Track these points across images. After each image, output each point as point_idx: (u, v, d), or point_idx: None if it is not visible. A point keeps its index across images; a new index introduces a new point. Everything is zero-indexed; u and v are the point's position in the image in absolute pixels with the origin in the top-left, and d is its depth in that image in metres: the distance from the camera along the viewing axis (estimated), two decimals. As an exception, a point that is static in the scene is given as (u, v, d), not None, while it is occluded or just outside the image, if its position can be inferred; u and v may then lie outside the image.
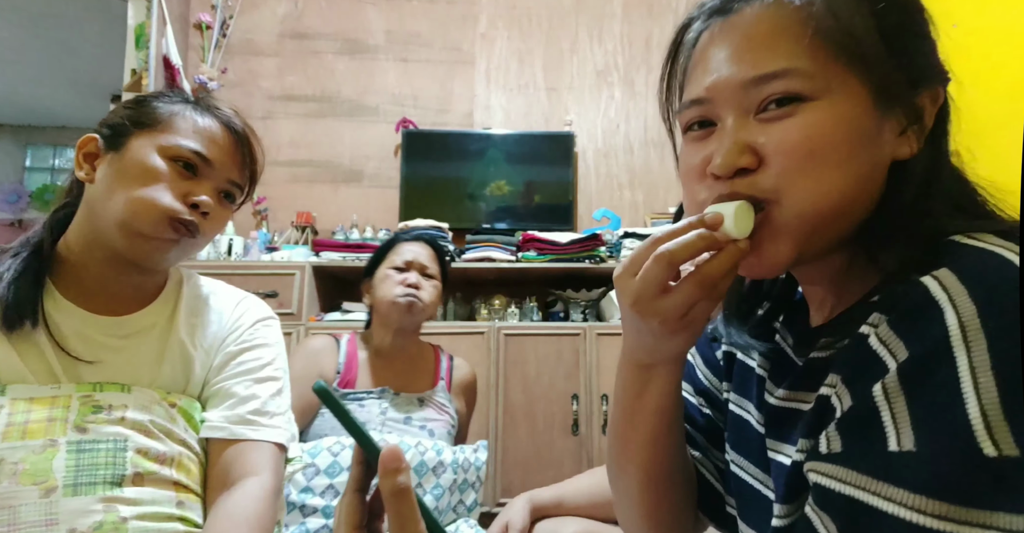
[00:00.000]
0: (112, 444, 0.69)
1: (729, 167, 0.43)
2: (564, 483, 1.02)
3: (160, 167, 0.73)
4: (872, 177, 0.43)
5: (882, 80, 0.43)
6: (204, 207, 0.75)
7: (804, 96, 0.42)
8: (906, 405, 0.34)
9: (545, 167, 2.88)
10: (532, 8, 3.10)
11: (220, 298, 0.87)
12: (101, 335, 0.75)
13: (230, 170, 0.79)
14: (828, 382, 0.41)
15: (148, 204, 0.71)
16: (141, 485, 0.69)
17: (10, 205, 4.86)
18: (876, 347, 0.37)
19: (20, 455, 0.64)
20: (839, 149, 0.42)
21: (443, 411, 1.39)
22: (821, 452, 0.38)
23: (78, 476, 0.66)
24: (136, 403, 0.72)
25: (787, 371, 0.52)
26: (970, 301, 0.33)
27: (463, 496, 1.26)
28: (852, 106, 0.42)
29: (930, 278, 0.36)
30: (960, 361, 0.32)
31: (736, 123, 0.44)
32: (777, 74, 0.42)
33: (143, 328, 0.78)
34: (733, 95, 0.44)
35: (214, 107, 0.81)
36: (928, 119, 0.45)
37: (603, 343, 2.34)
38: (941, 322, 0.34)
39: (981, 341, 0.32)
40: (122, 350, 0.76)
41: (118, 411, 0.71)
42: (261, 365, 0.83)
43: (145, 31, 2.49)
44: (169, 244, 0.73)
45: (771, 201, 0.43)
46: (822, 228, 0.43)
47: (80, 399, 0.70)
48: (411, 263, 1.43)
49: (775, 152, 0.42)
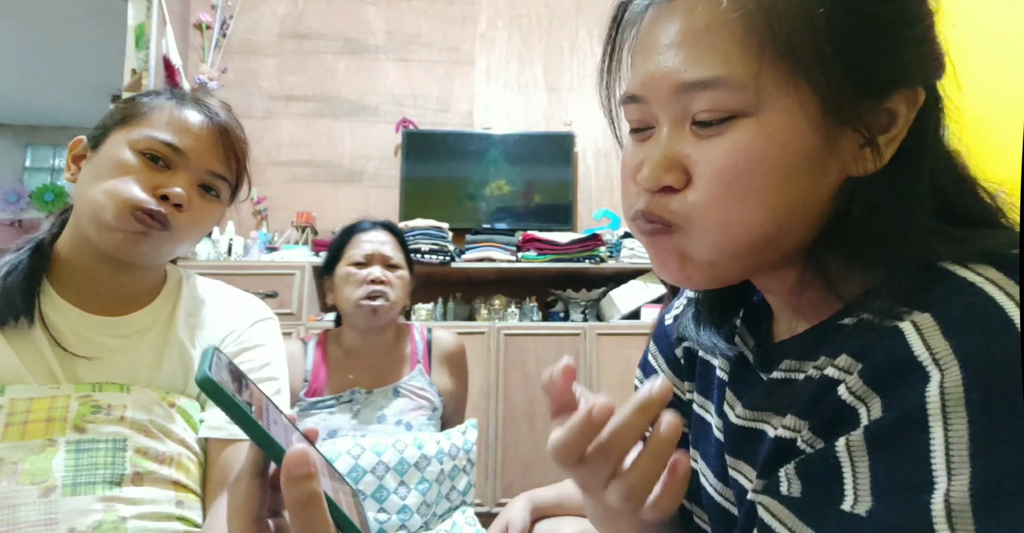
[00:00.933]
0: (111, 444, 0.69)
1: (653, 183, 0.40)
2: (565, 483, 1.02)
3: (129, 160, 0.72)
4: (810, 201, 0.38)
5: (831, 93, 0.36)
6: (175, 199, 0.72)
7: (737, 112, 0.37)
8: (868, 468, 0.31)
9: (545, 167, 2.88)
10: (532, 8, 3.10)
11: (219, 298, 0.87)
12: (99, 335, 0.75)
13: (208, 161, 0.76)
14: (790, 425, 0.39)
15: (111, 196, 0.70)
16: (141, 485, 0.69)
17: (10, 205, 4.86)
18: (849, 400, 0.34)
19: (19, 455, 0.64)
20: (769, 176, 0.37)
21: (420, 397, 1.33)
22: (780, 491, 0.36)
23: (77, 476, 0.65)
24: (135, 403, 0.72)
25: (749, 383, 0.48)
26: (956, 366, 0.30)
27: (455, 482, 1.23)
28: (793, 122, 0.36)
29: (910, 326, 0.32)
30: (935, 436, 0.29)
31: (670, 132, 0.40)
32: (706, 83, 0.37)
33: (142, 328, 0.78)
34: (666, 100, 0.39)
35: (196, 99, 0.79)
36: (901, 126, 0.38)
37: (603, 343, 2.34)
38: (921, 388, 0.30)
39: (962, 416, 0.29)
40: (120, 350, 0.76)
41: (117, 411, 0.70)
42: (260, 365, 0.83)
43: (145, 31, 2.49)
44: (138, 237, 0.71)
45: (678, 227, 0.39)
46: (739, 257, 0.39)
47: (79, 399, 0.70)
48: (372, 256, 1.32)
49: (700, 174, 0.38)
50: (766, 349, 0.48)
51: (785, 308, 0.47)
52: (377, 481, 1.12)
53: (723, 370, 0.52)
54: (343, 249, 1.35)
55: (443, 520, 1.22)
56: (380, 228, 1.38)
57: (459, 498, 1.26)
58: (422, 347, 1.41)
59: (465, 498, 1.28)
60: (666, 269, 0.42)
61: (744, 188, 0.37)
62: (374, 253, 1.32)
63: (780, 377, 0.43)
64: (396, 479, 1.14)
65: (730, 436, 0.48)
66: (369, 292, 1.27)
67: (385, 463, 1.14)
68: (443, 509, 1.22)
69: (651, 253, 0.43)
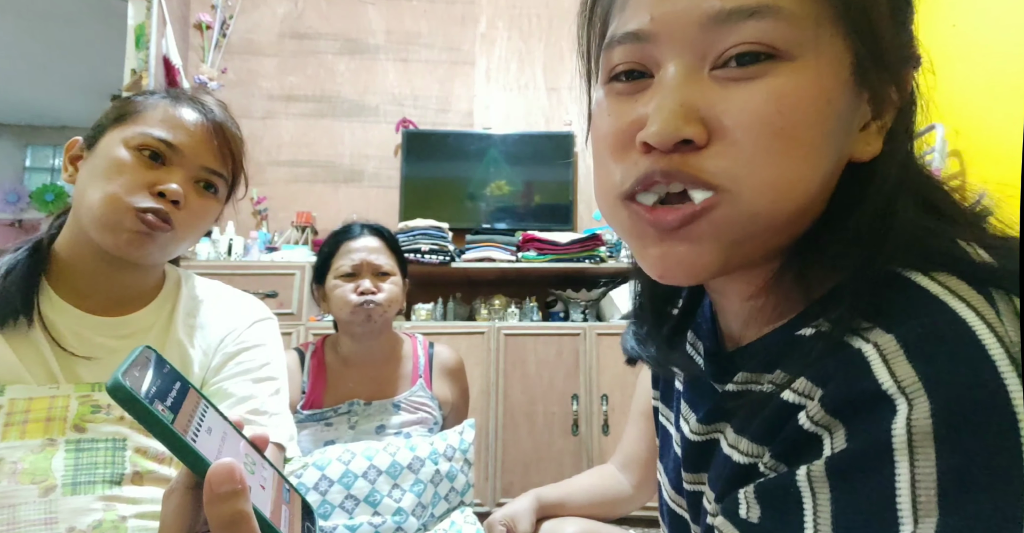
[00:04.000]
0: (111, 443, 0.69)
1: (670, 136, 0.32)
2: (568, 482, 1.02)
3: (124, 158, 0.72)
4: (832, 177, 0.34)
5: (873, 49, 0.33)
6: (172, 196, 0.72)
7: (779, 52, 0.32)
8: (829, 501, 0.29)
9: (545, 167, 2.88)
10: (532, 8, 3.10)
11: (218, 299, 0.86)
12: (98, 335, 0.75)
13: (203, 157, 0.76)
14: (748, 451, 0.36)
15: (112, 197, 0.70)
16: (140, 484, 0.69)
17: (10, 205, 4.86)
18: (810, 428, 0.31)
19: (19, 454, 0.64)
20: (814, 132, 0.32)
21: (421, 410, 1.32)
22: (740, 515, 0.34)
23: (77, 475, 0.66)
24: None
25: (703, 395, 0.45)
26: (924, 398, 0.27)
27: (453, 483, 1.23)
28: (835, 77, 0.32)
29: (873, 351, 0.29)
30: (900, 472, 0.27)
31: (684, 75, 0.33)
32: (754, 11, 0.31)
33: (141, 328, 0.78)
34: (687, 33, 0.33)
35: (191, 97, 0.79)
36: (893, 112, 0.35)
37: (603, 343, 2.34)
38: (888, 420, 0.28)
39: (930, 453, 0.27)
40: (120, 350, 0.75)
41: (117, 410, 0.70)
42: (259, 365, 0.83)
43: (145, 31, 2.49)
44: (142, 237, 0.71)
45: (723, 191, 0.33)
46: (769, 233, 0.34)
47: (79, 399, 0.70)
48: (360, 266, 1.27)
49: (735, 126, 0.32)
50: (719, 359, 0.44)
51: (738, 315, 0.42)
52: (369, 485, 1.12)
53: (680, 381, 0.50)
54: (332, 259, 1.30)
55: (441, 521, 1.22)
56: (369, 233, 1.31)
57: (457, 499, 1.25)
58: (423, 361, 1.39)
59: (464, 498, 1.27)
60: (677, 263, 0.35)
61: (793, 141, 0.32)
62: (362, 263, 1.27)
63: (735, 389, 0.40)
64: (389, 482, 1.13)
65: (686, 451, 0.46)
66: (361, 300, 1.24)
67: (377, 467, 1.13)
68: (441, 510, 1.22)
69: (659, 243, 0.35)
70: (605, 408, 2.29)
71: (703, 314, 0.49)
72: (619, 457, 1.07)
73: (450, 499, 1.23)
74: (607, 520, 0.96)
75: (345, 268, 1.26)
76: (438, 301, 2.62)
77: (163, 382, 0.34)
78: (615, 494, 1.01)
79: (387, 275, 1.28)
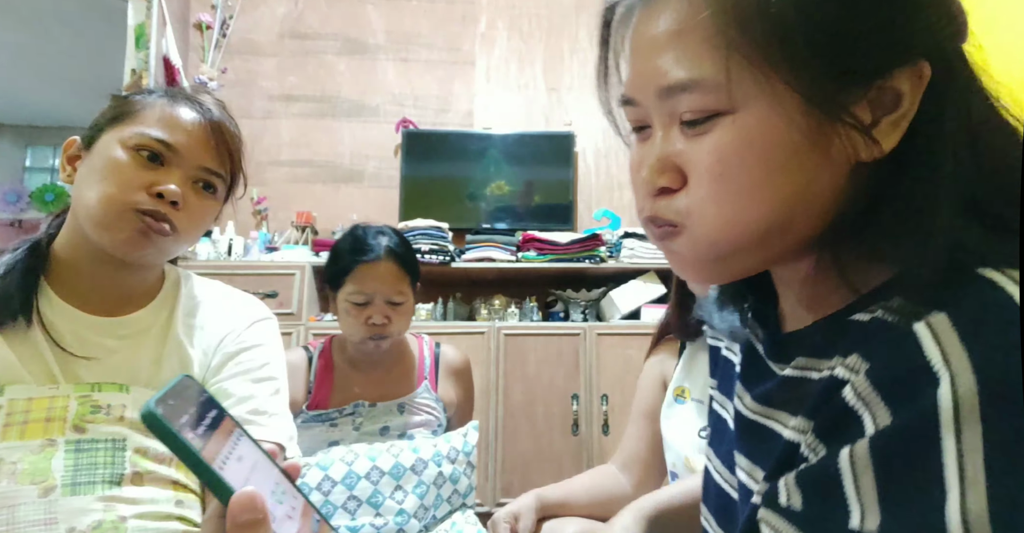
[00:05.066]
0: (111, 443, 0.69)
1: (649, 186, 0.40)
2: (569, 482, 1.02)
3: (121, 159, 0.71)
4: (813, 191, 0.37)
5: (809, 85, 0.35)
6: (170, 196, 0.71)
7: (720, 110, 0.37)
8: (874, 482, 0.30)
9: (545, 167, 2.88)
10: (532, 8, 3.10)
11: (217, 299, 0.86)
12: (97, 335, 0.74)
13: (201, 157, 0.75)
14: (797, 426, 0.38)
15: (109, 197, 0.69)
16: (140, 484, 0.69)
17: (10, 205, 4.85)
18: (853, 403, 0.32)
19: (18, 455, 0.64)
20: (754, 171, 0.36)
21: (426, 412, 1.33)
22: (780, 503, 0.35)
23: (77, 475, 0.65)
24: (135, 403, 0.72)
25: (760, 375, 0.47)
26: (971, 373, 0.28)
27: (456, 485, 1.23)
28: (773, 118, 0.36)
29: (923, 327, 0.31)
30: (947, 445, 0.28)
31: (663, 134, 0.40)
32: (684, 86, 0.37)
33: (141, 329, 0.78)
34: (654, 102, 0.40)
35: (189, 96, 0.78)
36: (907, 104, 0.36)
37: (603, 343, 2.34)
38: (932, 394, 0.29)
39: (976, 426, 0.27)
40: (119, 351, 0.75)
41: (117, 410, 0.70)
42: (259, 365, 0.83)
43: (145, 31, 2.48)
44: (140, 237, 0.71)
45: (680, 225, 0.40)
46: (742, 253, 0.39)
47: (78, 399, 0.69)
48: (374, 296, 1.22)
49: (692, 173, 0.39)
50: (776, 340, 0.47)
51: (795, 298, 0.45)
52: (372, 486, 1.12)
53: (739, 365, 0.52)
54: (347, 274, 1.23)
55: (443, 523, 1.21)
56: (389, 259, 1.23)
57: (459, 501, 1.25)
58: (429, 362, 1.38)
59: (466, 500, 1.27)
60: (683, 270, 0.43)
61: (733, 184, 0.37)
62: (375, 293, 1.22)
63: (795, 375, 0.42)
64: (392, 484, 1.13)
65: (740, 428, 0.48)
66: (371, 333, 1.22)
67: (380, 468, 1.13)
68: (443, 512, 1.22)
69: (665, 254, 0.44)
70: (605, 408, 2.29)
71: (763, 299, 0.51)
72: (619, 457, 1.07)
73: (452, 501, 1.23)
74: (607, 520, 0.96)
75: (358, 297, 1.22)
76: (438, 301, 2.62)
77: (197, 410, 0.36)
78: (615, 494, 1.01)
79: (399, 303, 1.24)
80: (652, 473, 1.03)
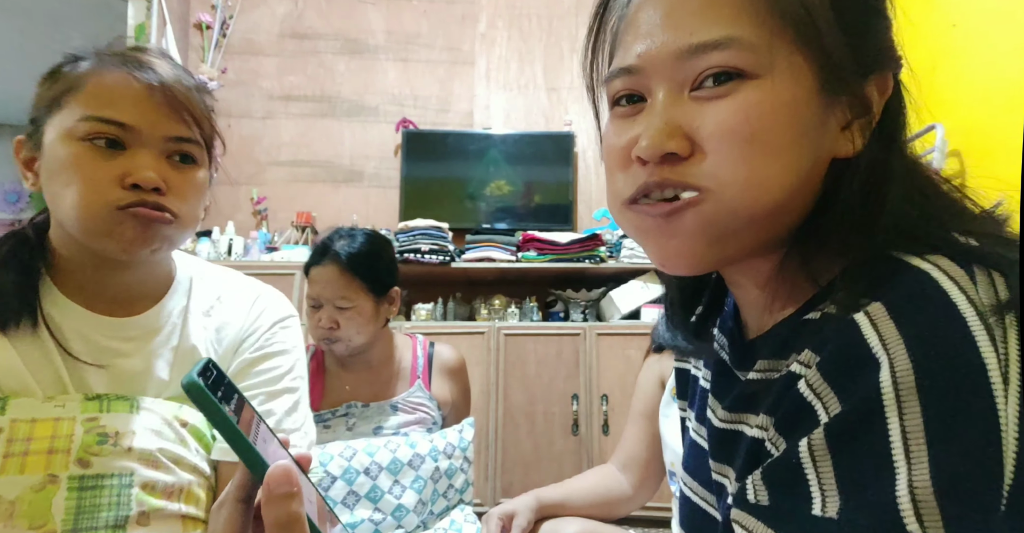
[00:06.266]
0: (116, 480, 0.63)
1: (656, 149, 0.38)
2: (568, 482, 1.02)
3: (77, 156, 0.62)
4: (812, 174, 0.39)
5: (832, 61, 0.37)
6: (148, 184, 0.63)
7: (745, 73, 0.37)
8: (832, 468, 0.31)
9: (545, 167, 2.88)
10: (532, 8, 3.10)
11: (235, 296, 0.80)
12: (106, 337, 0.69)
13: (163, 127, 0.65)
14: (759, 423, 0.39)
15: (86, 204, 0.62)
16: (147, 525, 0.64)
17: (10, 205, 4.86)
18: (807, 396, 0.34)
19: (17, 492, 0.60)
20: (782, 135, 0.37)
21: (419, 411, 1.33)
22: (748, 501, 0.36)
23: (79, 519, 0.61)
24: (144, 426, 0.66)
25: (729, 385, 0.48)
26: (906, 354, 0.30)
27: (452, 481, 1.23)
28: (797, 88, 0.37)
29: (862, 316, 0.33)
30: (892, 425, 0.29)
31: (668, 99, 0.39)
32: (717, 44, 0.37)
33: (151, 330, 0.72)
34: (666, 66, 0.39)
35: (126, 57, 0.66)
36: (876, 110, 0.39)
37: (603, 343, 2.34)
38: (875, 378, 0.30)
39: (915, 404, 0.29)
40: (129, 355, 0.70)
41: (125, 439, 0.64)
42: (278, 376, 0.78)
43: (145, 31, 2.49)
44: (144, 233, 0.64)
45: (706, 190, 0.37)
46: (754, 226, 0.39)
47: (85, 424, 0.64)
48: (319, 299, 1.25)
49: (711, 136, 0.37)
50: (740, 347, 0.48)
51: (755, 304, 0.46)
52: (371, 481, 1.12)
53: (706, 380, 0.52)
54: (307, 276, 1.29)
55: (441, 519, 1.22)
56: (331, 262, 1.25)
57: (457, 497, 1.26)
58: (423, 362, 1.39)
59: (463, 496, 1.27)
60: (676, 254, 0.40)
61: (762, 145, 0.37)
62: (319, 296, 1.25)
63: (759, 378, 0.43)
64: (390, 478, 1.14)
65: (713, 440, 0.48)
66: (322, 337, 1.25)
67: (378, 463, 1.14)
68: (440, 508, 1.22)
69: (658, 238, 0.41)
70: (605, 408, 2.29)
71: (728, 308, 0.53)
72: (619, 457, 1.07)
73: (449, 496, 1.24)
74: (607, 520, 0.96)
75: (309, 300, 1.27)
76: (438, 301, 2.62)
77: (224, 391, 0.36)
78: (615, 494, 1.01)
79: (347, 308, 1.25)
80: (651, 473, 1.03)
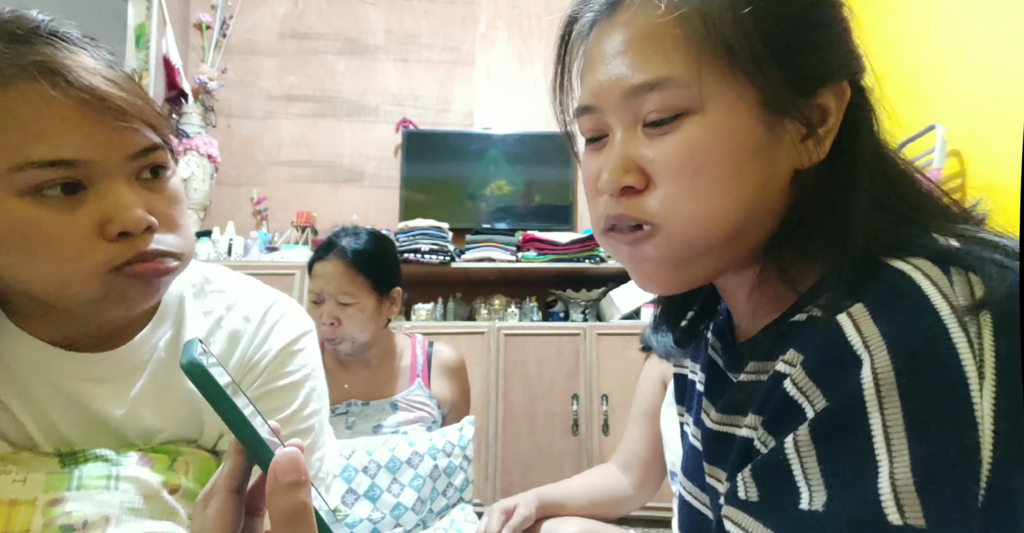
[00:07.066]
0: None
1: (615, 184, 0.41)
2: (569, 482, 1.02)
3: (30, 218, 0.47)
4: (768, 193, 0.40)
5: (767, 86, 0.38)
6: (137, 228, 0.50)
7: (686, 108, 0.39)
8: (817, 462, 0.33)
9: (545, 167, 2.88)
10: (532, 8, 3.10)
11: (238, 312, 0.66)
12: (71, 379, 0.56)
13: (122, 144, 0.51)
14: (748, 423, 0.40)
15: (68, 274, 0.49)
16: None
17: None
18: (793, 394, 0.35)
19: None
20: (724, 168, 0.38)
21: (419, 409, 1.33)
22: (739, 497, 0.37)
23: None
24: (122, 506, 0.53)
25: (721, 387, 0.50)
26: (886, 352, 0.31)
27: (451, 479, 1.23)
28: (734, 118, 0.38)
29: (845, 317, 0.34)
30: (873, 420, 0.31)
31: (624, 136, 0.41)
32: (653, 85, 0.39)
33: (134, 366, 0.59)
34: (618, 105, 0.41)
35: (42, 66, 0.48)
36: (834, 119, 0.40)
37: (603, 343, 2.34)
38: (857, 375, 0.32)
39: (895, 400, 0.31)
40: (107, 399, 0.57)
41: (96, 527, 0.51)
42: (291, 412, 0.66)
43: (145, 31, 2.49)
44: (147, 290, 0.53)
45: (657, 226, 0.40)
46: (714, 252, 0.41)
47: (46, 511, 0.50)
48: (321, 294, 1.25)
49: (659, 172, 0.40)
50: (731, 350, 0.49)
51: (745, 309, 0.48)
52: (370, 480, 1.12)
53: (701, 383, 0.54)
54: (310, 272, 1.29)
55: (440, 517, 1.22)
56: (336, 258, 1.24)
57: (456, 495, 1.26)
58: (422, 361, 1.39)
59: (463, 495, 1.27)
60: (650, 277, 0.43)
61: (706, 180, 0.38)
62: (322, 291, 1.25)
63: (748, 380, 0.45)
64: (389, 477, 1.14)
65: (707, 442, 0.50)
66: (324, 334, 1.24)
67: (377, 461, 1.14)
68: (440, 506, 1.22)
69: (630, 263, 0.44)
70: (605, 408, 2.29)
71: (721, 312, 0.54)
72: (620, 457, 1.07)
73: (448, 495, 1.24)
74: (608, 520, 0.96)
75: (312, 295, 1.27)
76: (438, 301, 2.62)
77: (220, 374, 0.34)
78: (616, 494, 1.01)
79: (350, 304, 1.24)
80: (652, 473, 1.03)
